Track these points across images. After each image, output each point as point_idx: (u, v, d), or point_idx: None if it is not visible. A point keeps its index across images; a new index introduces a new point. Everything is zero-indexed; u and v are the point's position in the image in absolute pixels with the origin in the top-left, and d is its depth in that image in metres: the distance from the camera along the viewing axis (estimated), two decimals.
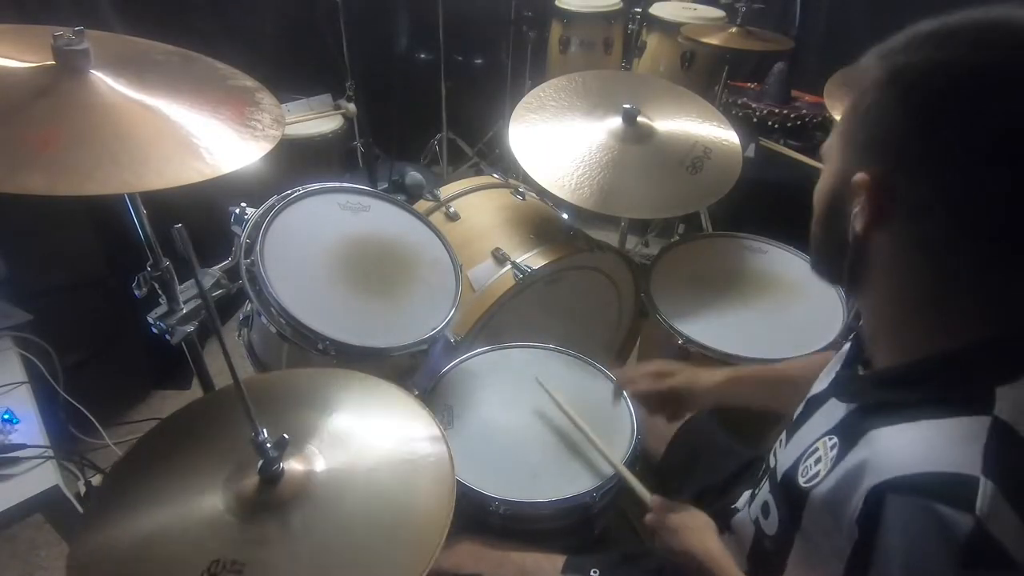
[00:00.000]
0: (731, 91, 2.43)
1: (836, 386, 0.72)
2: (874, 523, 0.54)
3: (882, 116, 0.56)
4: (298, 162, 2.42)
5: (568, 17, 2.75)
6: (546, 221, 1.61)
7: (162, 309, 1.03)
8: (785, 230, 1.63)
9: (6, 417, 1.18)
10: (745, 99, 2.36)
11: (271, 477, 0.76)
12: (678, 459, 1.16)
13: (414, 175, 1.54)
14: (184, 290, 1.05)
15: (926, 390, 0.57)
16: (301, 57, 2.66)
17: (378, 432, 0.88)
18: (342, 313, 1.12)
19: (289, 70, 2.47)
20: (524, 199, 1.68)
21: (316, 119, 2.51)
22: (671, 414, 1.07)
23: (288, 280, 1.10)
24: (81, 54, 0.84)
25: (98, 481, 1.32)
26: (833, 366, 0.77)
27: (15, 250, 1.60)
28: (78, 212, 1.76)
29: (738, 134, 1.59)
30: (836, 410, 0.67)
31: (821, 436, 0.66)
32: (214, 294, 1.08)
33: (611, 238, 1.80)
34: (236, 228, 1.15)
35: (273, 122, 0.96)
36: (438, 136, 3.04)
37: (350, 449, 0.83)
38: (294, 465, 0.79)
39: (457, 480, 0.80)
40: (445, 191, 1.66)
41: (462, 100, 2.99)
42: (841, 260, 0.62)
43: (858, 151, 0.59)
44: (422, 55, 3.07)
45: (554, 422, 1.16)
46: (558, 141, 1.50)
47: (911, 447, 0.54)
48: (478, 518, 1.03)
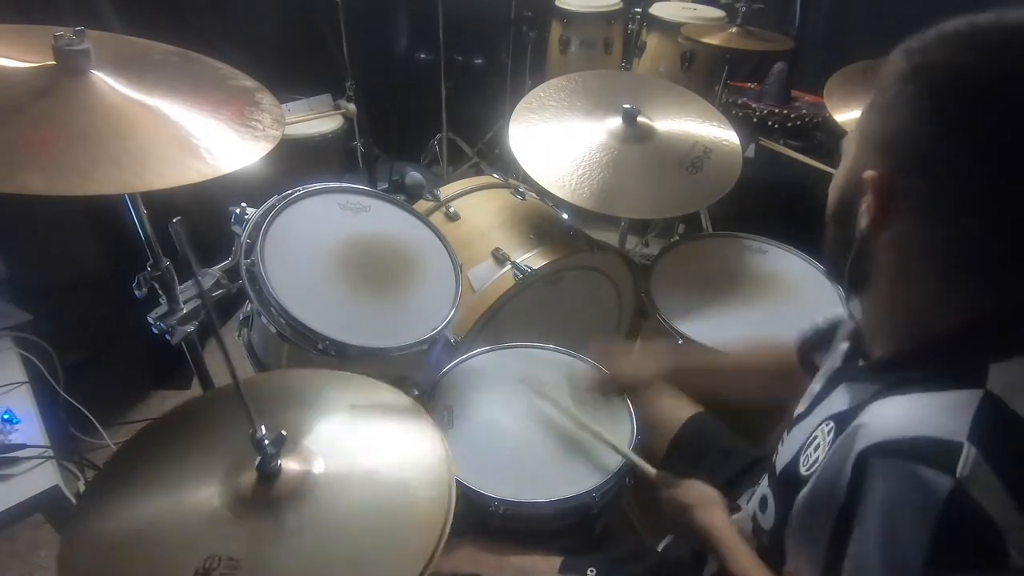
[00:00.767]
0: (731, 91, 2.43)
1: (838, 375, 0.73)
2: (858, 485, 0.55)
3: (895, 113, 0.56)
4: (298, 162, 2.42)
5: (568, 17, 2.75)
6: (546, 221, 1.61)
7: (162, 309, 1.03)
8: (785, 230, 1.63)
9: (6, 417, 1.18)
10: (745, 99, 2.37)
11: (268, 474, 0.76)
12: (680, 459, 1.16)
13: (414, 175, 1.54)
14: (184, 290, 1.05)
15: (923, 368, 0.58)
16: (301, 57, 2.66)
17: (377, 432, 0.88)
18: (342, 313, 1.12)
19: (289, 70, 2.47)
20: (524, 199, 1.68)
21: (316, 119, 2.51)
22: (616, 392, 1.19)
23: (288, 280, 1.10)
24: (82, 54, 0.84)
25: None
26: (830, 366, 0.78)
27: (15, 250, 1.60)
28: (78, 212, 1.75)
29: (738, 134, 1.59)
30: (835, 402, 0.68)
31: (819, 424, 0.67)
32: (214, 294, 1.09)
33: (611, 238, 1.80)
34: (236, 228, 1.15)
35: (273, 122, 0.96)
36: (438, 136, 3.03)
37: (348, 449, 0.83)
38: (291, 464, 0.78)
39: (457, 480, 0.80)
40: (445, 191, 1.65)
41: (462, 100, 2.98)
42: (845, 257, 0.63)
43: (871, 147, 0.59)
44: (422, 55, 3.06)
45: (554, 422, 1.16)
46: (558, 141, 1.50)
47: (900, 414, 0.55)
48: (478, 518, 1.03)
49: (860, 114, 0.62)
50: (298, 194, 1.22)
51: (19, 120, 0.77)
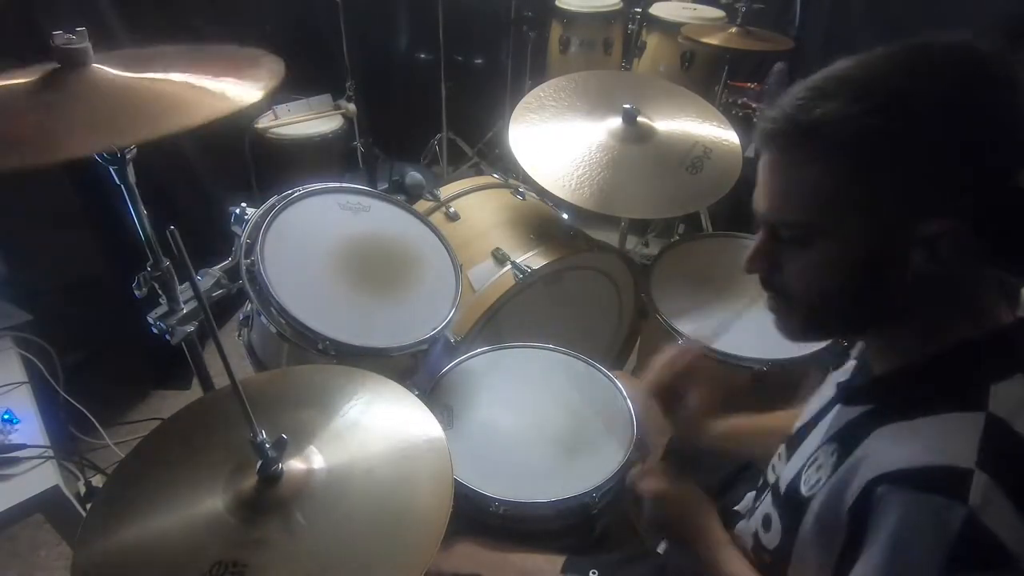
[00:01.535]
0: (731, 91, 2.43)
1: (839, 394, 0.73)
2: (865, 514, 0.55)
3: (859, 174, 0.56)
4: (298, 162, 2.42)
5: (568, 17, 2.75)
6: (546, 221, 1.61)
7: (162, 309, 1.03)
8: None
9: (6, 417, 1.18)
10: (745, 99, 2.37)
11: (270, 477, 0.76)
12: (678, 458, 1.16)
13: (414, 175, 1.54)
14: (184, 290, 1.04)
15: (924, 390, 0.58)
16: (301, 57, 2.65)
17: (377, 432, 0.88)
18: (342, 313, 1.12)
19: (289, 70, 2.47)
20: (524, 199, 1.68)
21: (316, 119, 2.51)
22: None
23: (288, 280, 1.10)
24: (81, 52, 0.84)
25: (98, 481, 1.32)
26: (832, 381, 0.78)
27: (15, 250, 1.61)
28: (78, 212, 1.76)
29: (738, 134, 1.59)
30: (836, 421, 0.68)
31: (821, 444, 0.67)
32: (214, 294, 1.08)
33: (611, 238, 1.80)
34: (236, 228, 1.15)
35: (272, 69, 0.94)
36: (438, 136, 3.04)
37: (349, 449, 0.83)
38: (293, 465, 0.78)
39: (457, 480, 0.81)
40: (445, 191, 1.65)
41: (462, 100, 2.98)
42: (870, 313, 0.62)
43: (886, 210, 0.57)
44: (422, 55, 3.07)
45: (554, 422, 1.16)
46: (558, 141, 1.50)
47: (906, 443, 0.55)
48: (478, 518, 1.03)
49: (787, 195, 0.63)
50: (298, 194, 1.22)
51: (20, 120, 0.77)
